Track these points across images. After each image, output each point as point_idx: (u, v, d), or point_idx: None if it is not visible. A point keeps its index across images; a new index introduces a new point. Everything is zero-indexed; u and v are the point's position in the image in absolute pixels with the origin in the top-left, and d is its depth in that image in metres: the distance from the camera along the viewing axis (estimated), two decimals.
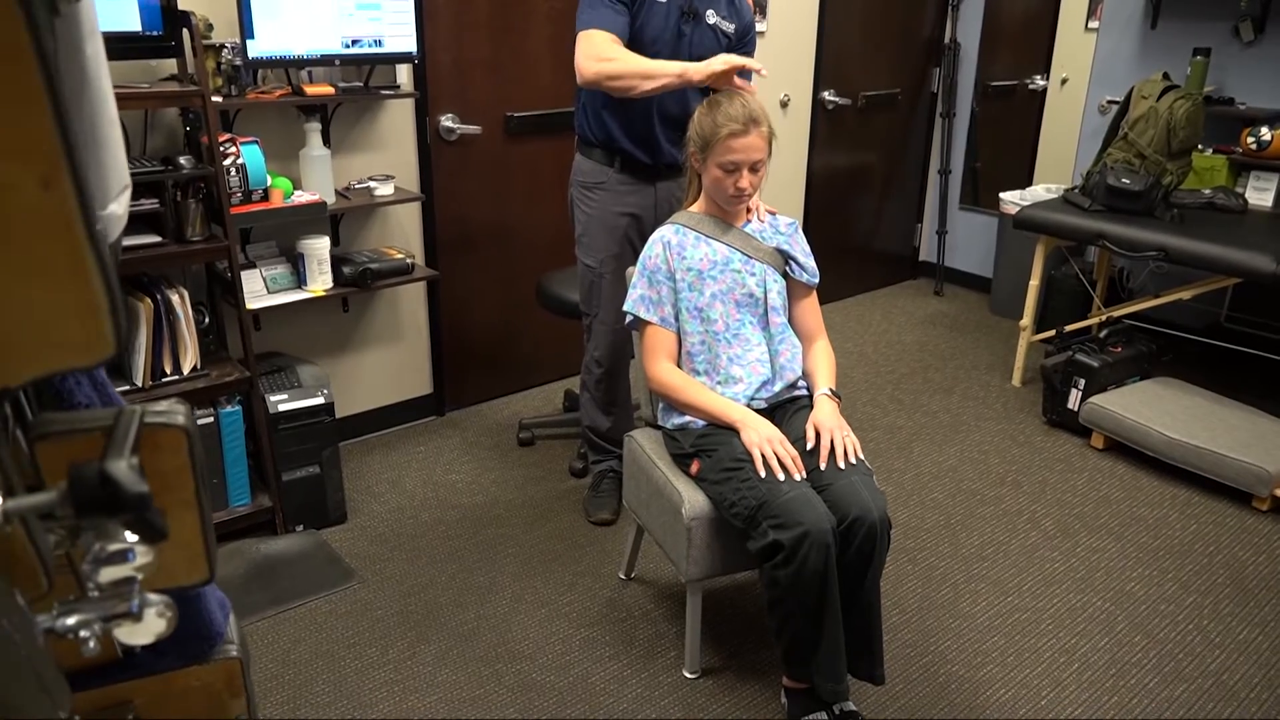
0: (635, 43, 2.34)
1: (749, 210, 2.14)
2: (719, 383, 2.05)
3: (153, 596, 0.60)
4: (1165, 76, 3.45)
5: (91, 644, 0.57)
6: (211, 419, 2.45)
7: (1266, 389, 3.50)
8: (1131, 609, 2.38)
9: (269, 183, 2.53)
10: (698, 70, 2.16)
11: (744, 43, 2.50)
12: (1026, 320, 3.66)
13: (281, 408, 2.55)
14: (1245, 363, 3.72)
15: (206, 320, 2.60)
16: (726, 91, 2.04)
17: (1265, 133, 3.45)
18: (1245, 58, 3.68)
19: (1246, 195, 3.53)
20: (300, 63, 2.56)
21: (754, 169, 1.96)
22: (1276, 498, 2.78)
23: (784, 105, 4.11)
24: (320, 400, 2.60)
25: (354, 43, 2.60)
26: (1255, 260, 2.94)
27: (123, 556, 0.57)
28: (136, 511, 0.42)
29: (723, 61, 2.11)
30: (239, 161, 2.43)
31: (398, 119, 2.96)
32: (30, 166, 0.38)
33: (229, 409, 2.48)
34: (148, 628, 0.61)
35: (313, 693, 2.07)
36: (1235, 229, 3.22)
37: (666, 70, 2.23)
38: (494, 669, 2.15)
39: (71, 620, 0.57)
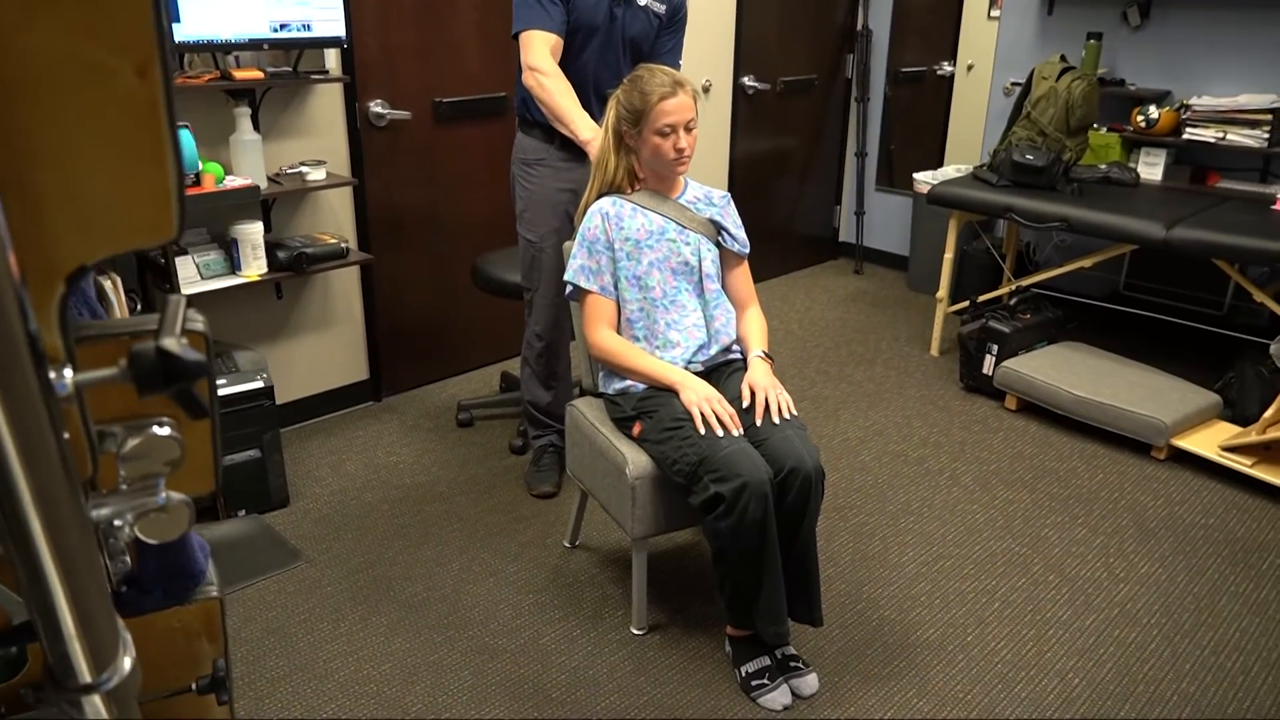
0: (569, 28, 2.41)
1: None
2: (657, 347, 2.14)
3: (175, 494, 0.66)
4: (1063, 59, 3.67)
5: (126, 531, 0.62)
6: None
7: (1161, 349, 3.75)
8: (1046, 551, 2.55)
9: (200, 168, 2.52)
10: (594, 152, 2.24)
11: (674, 23, 2.59)
12: (942, 292, 3.84)
13: (220, 392, 2.54)
14: (1142, 325, 3.99)
15: (139, 308, 2.58)
16: (643, 66, 2.12)
17: (1153, 111, 3.69)
18: (1133, 41, 3.93)
19: (1139, 169, 3.76)
20: (227, 47, 2.56)
21: (688, 128, 2.05)
22: (1172, 447, 3.00)
23: (706, 90, 4.22)
24: (259, 384, 2.60)
25: (282, 27, 2.61)
26: (1147, 228, 3.16)
27: (149, 449, 0.63)
28: (195, 378, 0.48)
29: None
30: None
31: (327, 104, 2.97)
32: (130, 56, 0.43)
33: None
34: (172, 523, 0.66)
35: (266, 667, 2.09)
36: (1129, 200, 3.44)
37: (575, 125, 2.33)
38: (446, 636, 2.20)
39: (105, 510, 0.62)
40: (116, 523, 0.62)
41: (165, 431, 0.61)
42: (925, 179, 4.29)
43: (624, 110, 2.09)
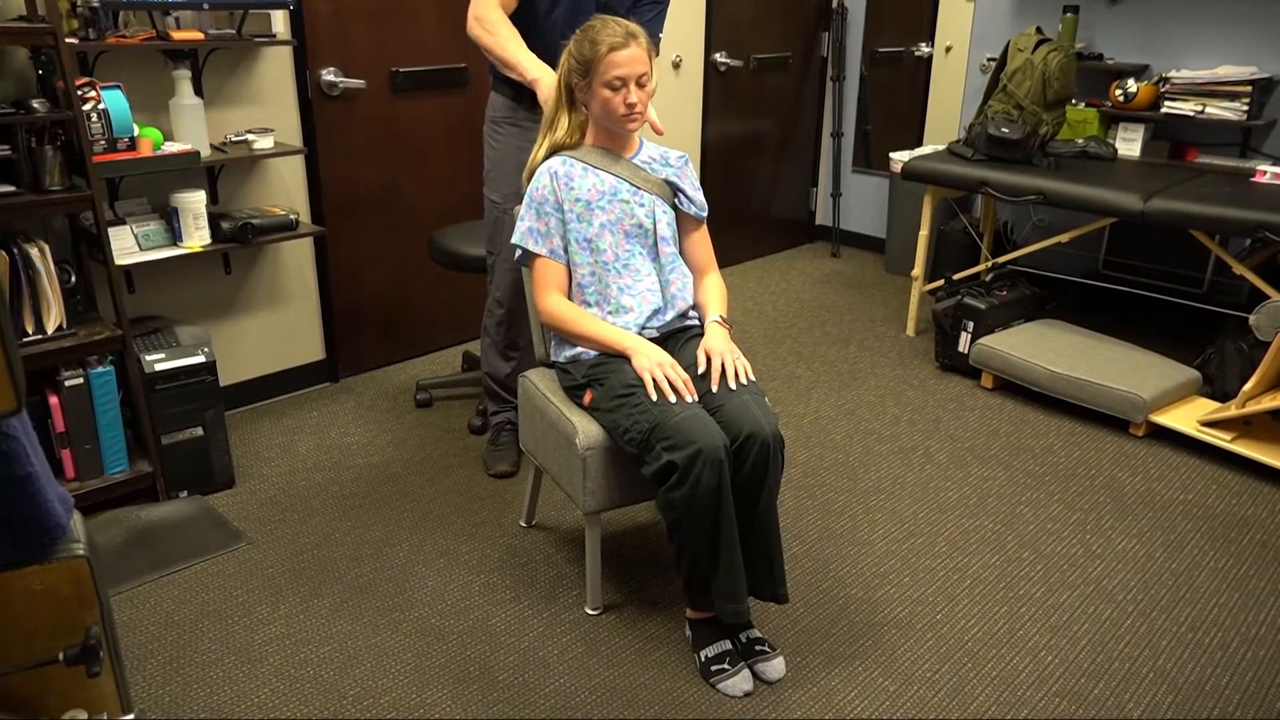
0: None
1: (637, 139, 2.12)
2: (610, 313, 2.03)
3: None
4: (1038, 30, 3.58)
5: None
6: (81, 380, 2.32)
7: (1140, 326, 3.67)
8: (1020, 529, 2.46)
9: (136, 132, 2.40)
10: (543, 91, 2.14)
11: None
12: (918, 270, 3.75)
13: (158, 367, 2.43)
14: (1121, 303, 3.91)
15: (73, 280, 2.46)
16: (597, 16, 2.01)
17: (1132, 85, 3.61)
18: (1111, 15, 3.85)
19: (1116, 145, 3.69)
20: (165, 6, 2.44)
21: (640, 83, 1.94)
22: (1151, 423, 2.91)
23: (676, 66, 4.12)
24: (200, 359, 2.49)
25: None
26: (1124, 199, 3.08)
27: None
28: None
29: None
30: (100, 107, 2.30)
31: (275, 71, 2.85)
32: None
33: (100, 369, 2.35)
34: None
35: (198, 651, 1.97)
36: (1106, 174, 3.36)
37: (521, 65, 2.22)
38: (390, 618, 2.09)
39: None
40: None
41: None
42: (902, 159, 4.20)
43: (574, 61, 1.99)
